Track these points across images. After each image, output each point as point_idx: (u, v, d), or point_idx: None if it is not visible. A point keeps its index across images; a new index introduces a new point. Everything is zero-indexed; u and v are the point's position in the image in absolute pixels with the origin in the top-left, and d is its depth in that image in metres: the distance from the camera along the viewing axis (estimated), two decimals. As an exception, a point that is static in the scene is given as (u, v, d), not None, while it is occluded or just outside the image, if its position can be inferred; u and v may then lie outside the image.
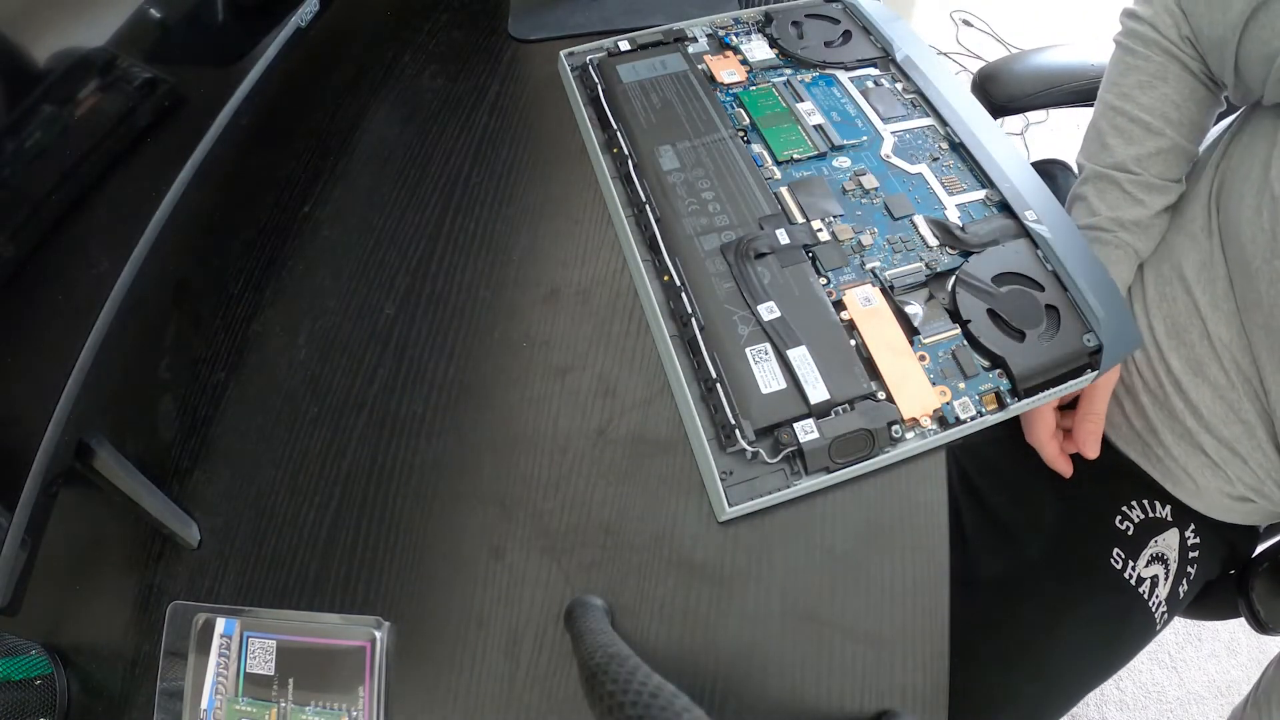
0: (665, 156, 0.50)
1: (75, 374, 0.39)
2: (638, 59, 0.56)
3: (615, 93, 0.55)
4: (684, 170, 0.50)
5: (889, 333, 0.44)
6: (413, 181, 0.58)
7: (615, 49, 0.57)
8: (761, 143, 0.53)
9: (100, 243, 0.42)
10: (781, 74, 0.57)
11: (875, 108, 0.55)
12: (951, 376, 0.43)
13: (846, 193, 0.50)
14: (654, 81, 0.55)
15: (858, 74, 0.57)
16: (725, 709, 0.40)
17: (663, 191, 0.49)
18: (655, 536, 0.44)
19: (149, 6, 0.43)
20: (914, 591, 0.42)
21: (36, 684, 0.43)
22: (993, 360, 0.44)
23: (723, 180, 0.50)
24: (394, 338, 0.52)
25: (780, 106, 0.54)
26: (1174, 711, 1.09)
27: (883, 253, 0.47)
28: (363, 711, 0.41)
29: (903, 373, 0.42)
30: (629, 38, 0.58)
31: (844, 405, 0.42)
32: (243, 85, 0.49)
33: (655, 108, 0.53)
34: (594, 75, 0.56)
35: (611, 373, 0.49)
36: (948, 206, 0.50)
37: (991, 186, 0.50)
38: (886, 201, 0.50)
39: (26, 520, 0.37)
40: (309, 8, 0.55)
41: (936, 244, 0.48)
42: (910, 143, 0.53)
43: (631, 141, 0.52)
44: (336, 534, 0.46)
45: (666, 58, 0.57)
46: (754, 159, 0.51)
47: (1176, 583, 0.60)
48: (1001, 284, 0.46)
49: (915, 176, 0.51)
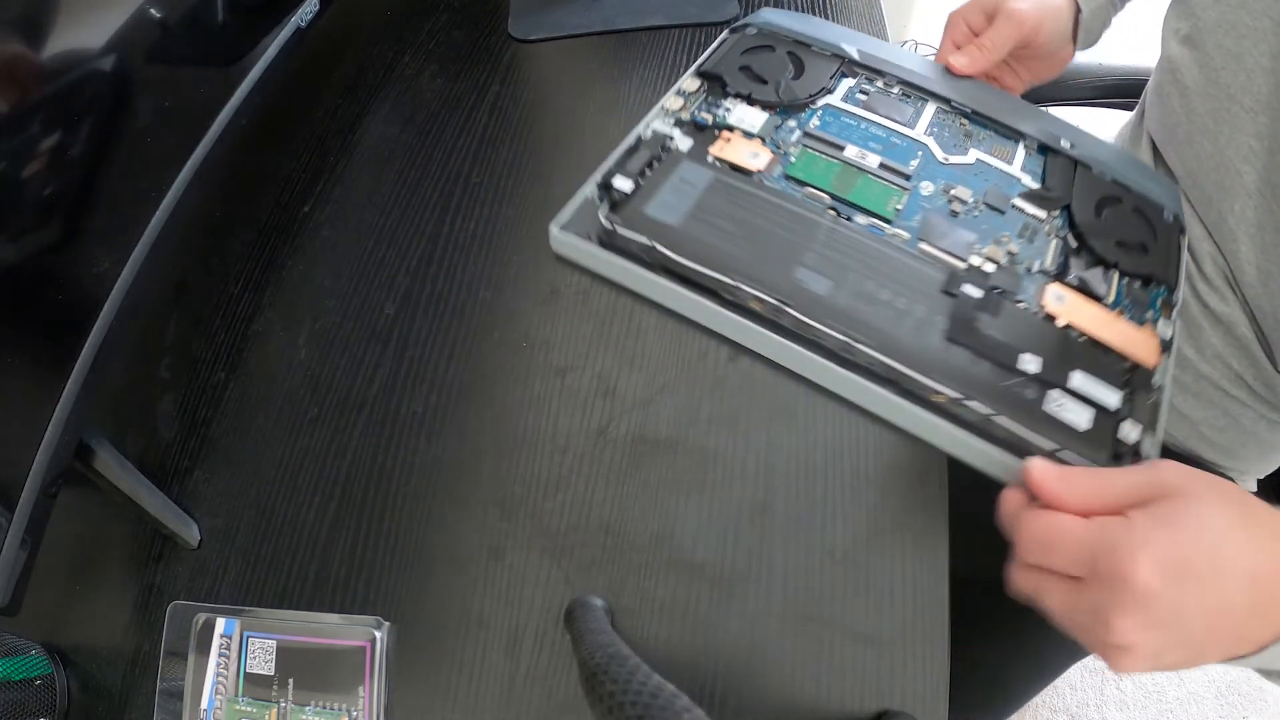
0: (811, 282, 0.42)
1: (75, 374, 0.39)
2: (657, 190, 0.46)
3: (679, 242, 0.43)
4: (838, 284, 0.43)
5: (1092, 312, 0.44)
6: (413, 181, 0.58)
7: (618, 195, 0.45)
8: (857, 211, 0.46)
9: (100, 243, 0.42)
10: (790, 130, 0.51)
11: (891, 118, 0.52)
12: (1139, 311, 0.45)
13: (957, 215, 0.47)
14: (701, 208, 0.45)
15: (841, 92, 0.53)
16: (725, 709, 0.40)
17: (851, 319, 0.42)
18: (655, 536, 0.44)
19: (149, 6, 0.43)
20: (914, 591, 0.42)
21: (36, 684, 0.43)
22: (1144, 279, 0.45)
23: (876, 270, 0.44)
24: (394, 338, 0.52)
25: (835, 164, 0.49)
26: (1174, 711, 1.09)
27: (1029, 251, 0.46)
28: (363, 711, 0.41)
29: (1124, 336, 0.43)
30: (620, 174, 0.46)
31: (1125, 391, 0.41)
32: (243, 85, 0.49)
33: (737, 235, 0.44)
34: (631, 234, 0.44)
35: (611, 373, 0.49)
36: (1020, 176, 0.48)
37: (1024, 136, 0.50)
38: (985, 203, 0.47)
39: (26, 520, 0.37)
40: (309, 8, 0.55)
41: (1044, 214, 0.47)
42: (942, 135, 0.51)
43: (760, 284, 0.43)
44: (336, 534, 0.46)
45: (684, 173, 0.47)
46: (872, 231, 0.45)
47: None
48: (1099, 215, 0.47)
49: (976, 165, 0.49)
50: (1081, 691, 1.11)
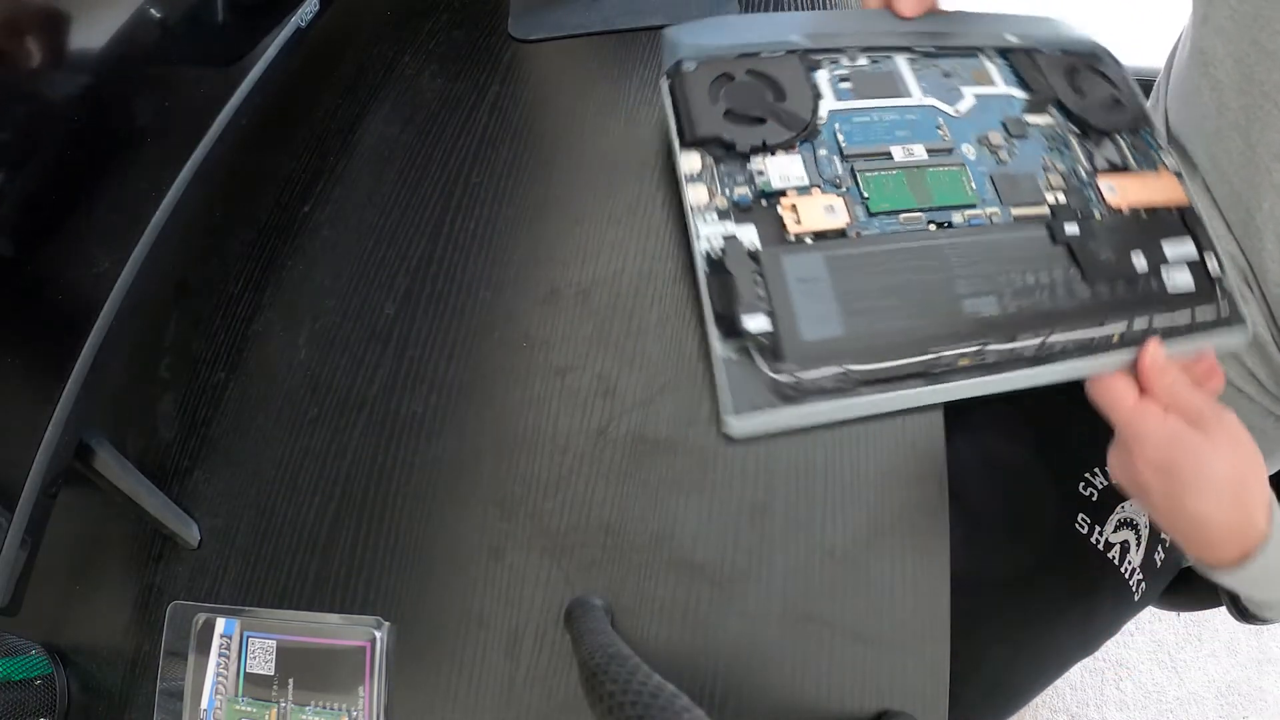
0: (981, 307, 0.42)
1: (75, 374, 0.39)
2: (792, 307, 0.41)
3: (861, 349, 0.41)
4: (998, 295, 0.43)
5: (1131, 184, 0.48)
6: (413, 181, 0.58)
7: (764, 339, 0.40)
8: (951, 211, 0.45)
9: (100, 243, 0.42)
10: (828, 161, 0.46)
11: (888, 95, 0.49)
12: (1149, 157, 0.49)
13: (1006, 163, 0.47)
14: (844, 301, 0.42)
15: (828, 89, 0.49)
16: (725, 709, 0.40)
17: (1029, 319, 0.43)
18: (655, 536, 0.44)
19: (149, 6, 0.43)
20: (914, 591, 0.42)
21: (36, 684, 0.43)
22: (1132, 129, 0.49)
23: (1007, 259, 0.44)
24: (394, 338, 0.52)
25: (898, 174, 0.47)
26: (1174, 711, 1.09)
27: (1068, 161, 0.48)
28: (363, 711, 0.41)
29: (1160, 190, 0.47)
30: (739, 312, 0.40)
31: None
32: (243, 85, 0.49)
33: (894, 305, 0.42)
34: (816, 373, 0.40)
35: (611, 373, 0.49)
36: (1010, 92, 0.50)
37: (980, 50, 0.50)
38: (1012, 135, 0.48)
39: (26, 520, 0.37)
40: (309, 8, 0.55)
41: (1053, 120, 0.48)
42: (934, 89, 0.49)
43: (955, 339, 0.42)
44: (336, 534, 0.46)
45: (795, 272, 0.42)
46: (976, 224, 0.45)
47: (1151, 550, 0.59)
48: (1079, 93, 0.50)
49: (979, 103, 0.48)
50: (1081, 691, 1.11)
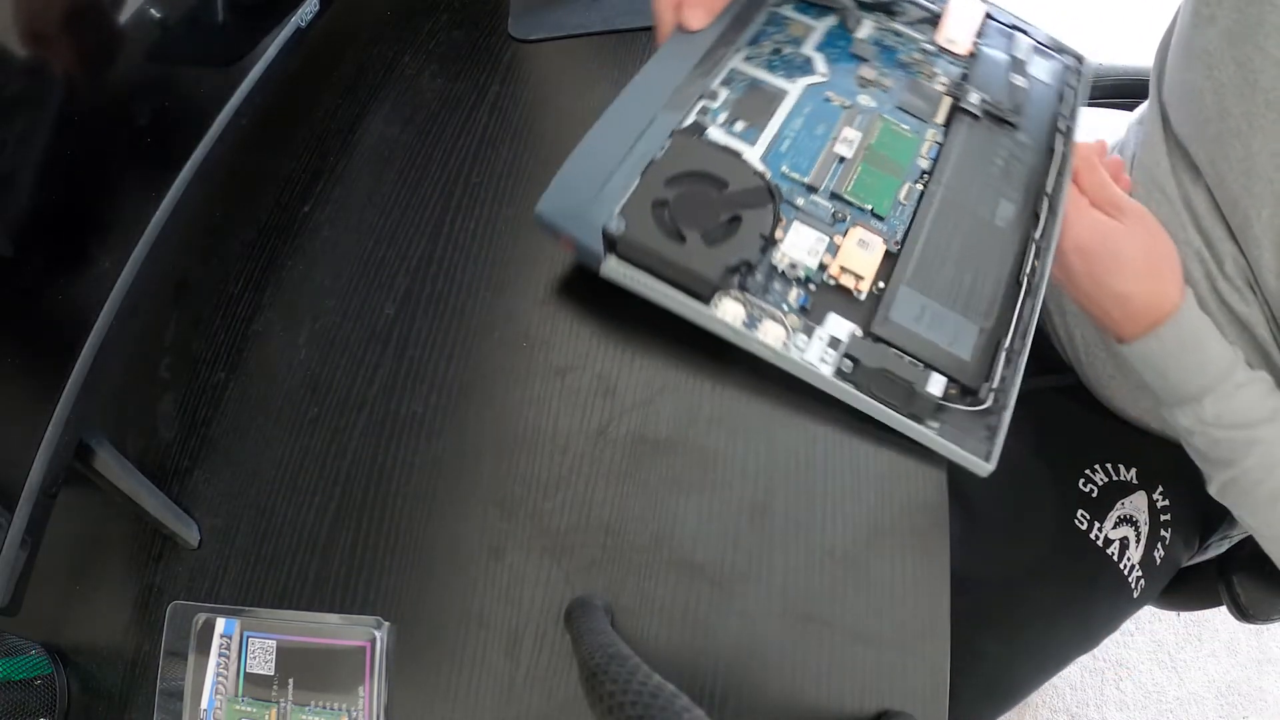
0: (1004, 211, 0.47)
1: (75, 374, 0.39)
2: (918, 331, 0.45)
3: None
4: (1003, 193, 0.49)
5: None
6: (413, 181, 0.58)
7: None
8: (913, 167, 0.48)
9: (100, 243, 0.42)
10: (816, 204, 0.47)
11: (777, 103, 0.50)
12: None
13: (891, 89, 0.52)
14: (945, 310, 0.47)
15: (743, 142, 0.49)
16: (725, 709, 0.40)
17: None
18: (655, 536, 0.44)
19: (149, 6, 0.43)
20: (914, 591, 0.42)
21: (36, 684, 0.43)
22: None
23: (975, 170, 0.49)
24: (394, 338, 0.52)
25: (863, 168, 0.48)
26: (1174, 711, 1.09)
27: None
28: (363, 711, 0.41)
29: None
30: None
31: None
32: (243, 85, 0.49)
33: (974, 274, 0.46)
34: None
35: (611, 373, 0.49)
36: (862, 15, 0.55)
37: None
38: (882, 54, 0.54)
39: (26, 520, 0.37)
40: (309, 8, 0.55)
41: (887, 13, 0.55)
42: (782, 64, 0.52)
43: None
44: (336, 534, 0.46)
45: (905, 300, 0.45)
46: (932, 157, 0.49)
47: (1150, 547, 0.59)
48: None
49: (824, 47, 0.53)
50: (1081, 691, 1.11)
